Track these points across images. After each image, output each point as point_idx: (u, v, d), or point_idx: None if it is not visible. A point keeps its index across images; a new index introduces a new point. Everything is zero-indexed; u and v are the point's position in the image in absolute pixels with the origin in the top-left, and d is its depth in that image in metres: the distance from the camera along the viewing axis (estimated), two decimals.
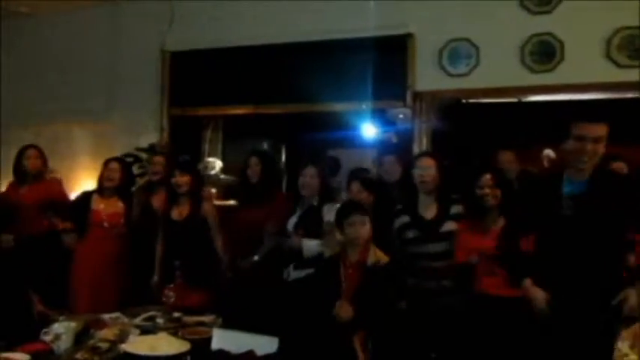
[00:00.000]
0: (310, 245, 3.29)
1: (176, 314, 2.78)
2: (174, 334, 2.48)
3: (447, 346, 2.87)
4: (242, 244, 3.62)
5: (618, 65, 4.08)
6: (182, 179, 3.59)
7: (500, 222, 2.94)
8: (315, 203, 3.41)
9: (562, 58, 4.19)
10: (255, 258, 3.56)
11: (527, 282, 2.39)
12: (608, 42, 4.09)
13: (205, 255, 3.53)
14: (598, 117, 2.31)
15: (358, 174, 3.73)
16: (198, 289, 3.29)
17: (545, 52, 4.22)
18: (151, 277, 3.62)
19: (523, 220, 2.50)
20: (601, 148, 2.29)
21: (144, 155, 4.91)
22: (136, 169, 4.73)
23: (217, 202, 4.38)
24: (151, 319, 2.74)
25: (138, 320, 2.71)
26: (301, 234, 3.34)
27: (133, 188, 4.26)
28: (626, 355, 1.93)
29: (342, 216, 2.90)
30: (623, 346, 1.96)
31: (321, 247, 3.26)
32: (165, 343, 2.31)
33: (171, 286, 3.04)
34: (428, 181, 3.11)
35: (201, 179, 3.89)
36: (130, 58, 5.34)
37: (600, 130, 2.28)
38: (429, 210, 3.14)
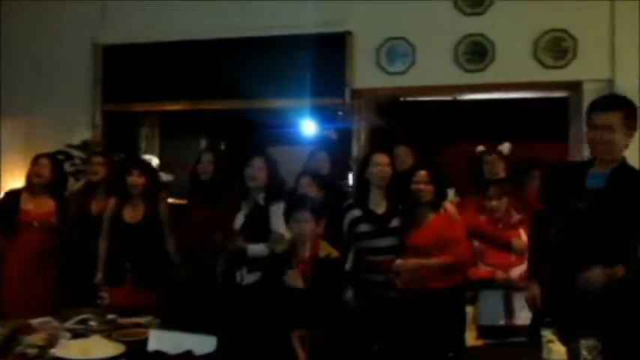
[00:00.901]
0: (257, 250, 3.20)
1: (110, 316, 2.70)
2: (109, 336, 2.41)
3: (389, 339, 2.92)
4: (193, 245, 3.56)
5: (544, 66, 4.28)
6: (139, 180, 3.47)
7: (432, 217, 3.03)
8: (262, 202, 3.31)
9: (493, 58, 4.35)
10: (219, 269, 3.45)
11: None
12: (536, 43, 4.28)
13: (158, 257, 3.44)
14: (608, 106, 2.32)
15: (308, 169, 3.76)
16: (149, 291, 3.22)
17: (477, 52, 4.37)
18: (87, 279, 3.49)
19: (548, 212, 2.49)
20: (610, 135, 2.27)
21: (76, 152, 4.73)
22: (68, 167, 4.54)
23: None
24: (84, 321, 2.65)
25: (69, 324, 2.61)
26: (243, 237, 3.26)
27: (68, 189, 4.09)
28: (551, 341, 2.04)
29: (288, 213, 2.90)
30: (547, 332, 2.06)
31: (267, 250, 3.19)
32: (99, 346, 2.25)
33: (119, 287, 2.97)
34: (384, 177, 3.16)
35: (158, 181, 3.77)
36: (61, 51, 5.11)
37: (608, 118, 2.27)
38: (379, 205, 3.19)
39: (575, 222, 2.36)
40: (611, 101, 2.39)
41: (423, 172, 3.08)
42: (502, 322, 2.83)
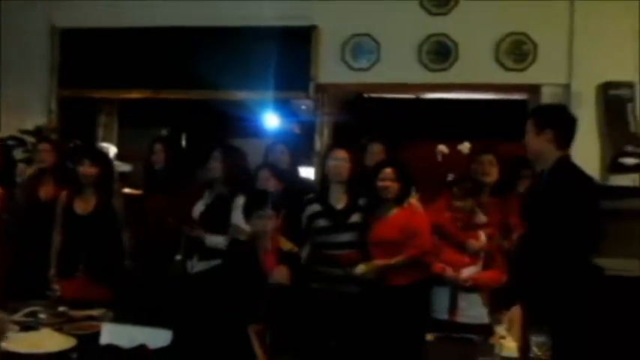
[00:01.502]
0: (215, 241, 3.24)
1: (61, 308, 2.62)
2: (59, 329, 2.35)
3: (347, 334, 2.94)
4: (149, 235, 3.50)
5: (505, 68, 4.37)
6: (91, 170, 3.34)
7: (395, 211, 3.07)
8: (226, 192, 3.35)
9: (456, 59, 4.41)
10: (178, 257, 3.43)
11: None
12: (498, 45, 4.36)
13: (111, 249, 3.34)
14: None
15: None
16: (102, 283, 3.13)
17: (441, 52, 4.43)
18: (37, 270, 3.38)
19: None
20: (526, 139, 2.56)
21: (29, 138, 4.57)
22: (20, 154, 4.39)
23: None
24: (33, 314, 2.57)
25: (18, 316, 2.52)
26: (201, 227, 3.28)
27: (19, 176, 3.94)
28: (503, 337, 2.08)
29: (250, 209, 2.88)
30: (500, 329, 2.11)
31: (226, 242, 3.23)
32: (49, 339, 2.19)
33: (70, 279, 2.91)
34: (342, 173, 3.17)
35: (112, 171, 3.66)
36: (17, 33, 4.93)
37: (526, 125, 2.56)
38: (339, 200, 3.20)
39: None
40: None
41: (388, 170, 3.11)
42: (446, 317, 2.89)
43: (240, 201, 3.18)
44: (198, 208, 3.38)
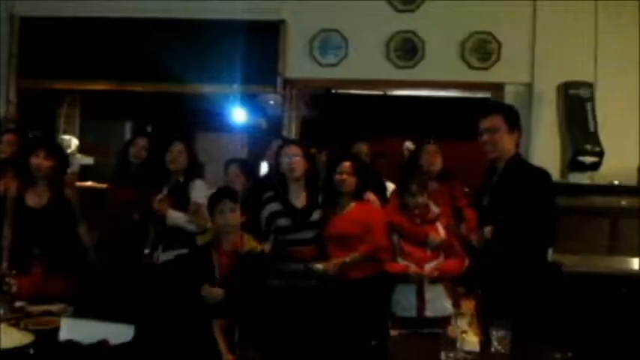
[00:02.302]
0: (176, 216, 3.32)
1: (18, 304, 2.55)
2: (16, 325, 2.30)
3: (307, 327, 2.94)
4: (115, 229, 3.51)
5: (470, 66, 4.43)
6: (46, 163, 3.22)
7: (352, 206, 3.09)
8: (182, 179, 3.44)
9: (423, 56, 4.46)
10: (146, 251, 3.41)
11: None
12: (463, 44, 4.43)
13: (68, 242, 3.25)
14: (489, 111, 2.70)
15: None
16: (60, 277, 3.05)
17: (408, 49, 4.47)
18: None
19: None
20: (497, 137, 2.61)
21: None
22: None
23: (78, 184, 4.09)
24: None
25: None
26: (167, 202, 3.34)
27: None
28: (464, 331, 2.12)
29: (213, 203, 2.85)
30: (461, 323, 2.14)
31: (188, 224, 3.32)
32: (6, 335, 2.13)
33: (26, 274, 2.84)
34: (295, 169, 3.15)
35: (66, 163, 3.56)
36: None
37: (491, 122, 2.64)
38: (299, 198, 3.19)
39: (482, 215, 2.65)
40: (492, 107, 2.89)
41: (347, 163, 3.12)
42: (414, 314, 2.92)
43: (197, 183, 3.37)
44: (158, 198, 3.40)
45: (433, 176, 3.52)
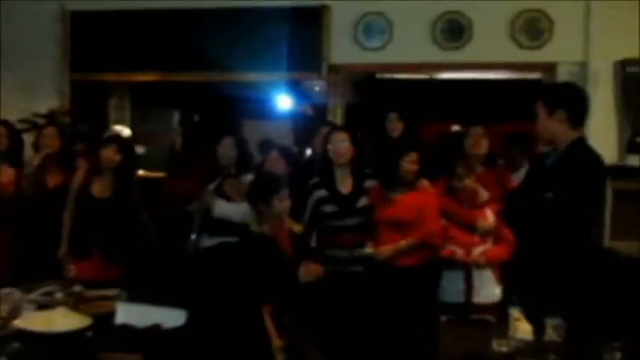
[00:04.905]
0: (225, 207, 3.31)
1: (76, 288, 2.64)
2: (75, 308, 2.36)
3: (354, 313, 2.93)
4: (166, 216, 3.57)
5: (520, 46, 4.29)
6: (116, 156, 3.34)
7: (408, 192, 3.06)
8: (233, 172, 3.44)
9: (470, 37, 4.34)
10: (193, 237, 3.46)
11: None
12: (513, 23, 4.28)
13: (127, 232, 3.36)
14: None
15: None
16: (118, 265, 3.16)
17: (455, 30, 4.35)
18: (49, 253, 3.40)
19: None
20: (538, 125, 2.45)
21: (42, 121, 4.58)
22: (32, 137, 4.39)
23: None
24: (49, 294, 2.59)
25: (34, 295, 2.54)
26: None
27: (26, 162, 3.93)
28: (518, 319, 2.07)
29: (272, 190, 2.86)
30: (514, 311, 2.09)
31: (235, 215, 3.25)
32: (64, 318, 2.20)
33: (85, 260, 2.99)
34: (344, 154, 3.15)
35: (135, 160, 3.66)
36: (29, 17, 4.92)
37: (535, 109, 2.45)
38: (345, 184, 3.18)
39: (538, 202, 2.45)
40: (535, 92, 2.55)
41: (414, 154, 3.08)
42: (462, 300, 2.88)
43: (248, 177, 3.28)
44: (211, 187, 3.42)
45: (479, 160, 3.42)
